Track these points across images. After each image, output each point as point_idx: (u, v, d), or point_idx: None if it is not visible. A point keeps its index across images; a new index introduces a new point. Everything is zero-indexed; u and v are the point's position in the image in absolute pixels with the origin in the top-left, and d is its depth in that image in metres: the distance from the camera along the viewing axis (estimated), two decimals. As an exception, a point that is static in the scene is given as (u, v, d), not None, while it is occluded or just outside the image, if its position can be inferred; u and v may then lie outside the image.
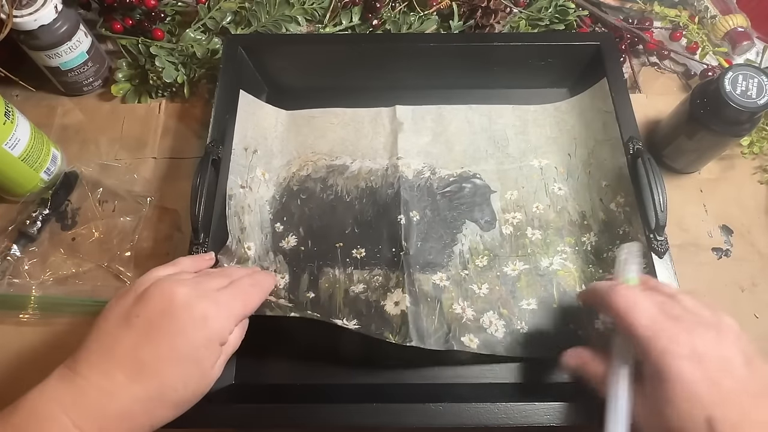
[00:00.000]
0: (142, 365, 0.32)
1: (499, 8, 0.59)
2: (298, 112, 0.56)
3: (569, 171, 0.52)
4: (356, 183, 0.52)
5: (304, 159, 0.53)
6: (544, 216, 0.50)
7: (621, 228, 0.46)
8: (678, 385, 0.30)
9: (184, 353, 0.33)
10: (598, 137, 0.51)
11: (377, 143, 0.54)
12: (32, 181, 0.51)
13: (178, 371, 0.33)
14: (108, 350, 0.32)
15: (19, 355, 0.46)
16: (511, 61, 0.55)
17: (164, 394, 0.32)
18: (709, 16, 0.62)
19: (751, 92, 0.45)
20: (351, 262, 0.48)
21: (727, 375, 0.30)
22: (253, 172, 0.51)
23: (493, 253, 0.48)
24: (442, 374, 0.44)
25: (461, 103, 0.56)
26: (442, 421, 0.37)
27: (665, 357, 0.31)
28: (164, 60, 0.57)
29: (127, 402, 0.31)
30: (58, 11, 0.51)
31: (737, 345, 0.32)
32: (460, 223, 0.50)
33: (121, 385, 0.31)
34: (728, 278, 0.50)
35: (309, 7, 0.60)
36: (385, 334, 0.43)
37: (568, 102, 0.55)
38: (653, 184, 0.44)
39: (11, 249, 0.50)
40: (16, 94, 0.59)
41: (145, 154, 0.56)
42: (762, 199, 0.54)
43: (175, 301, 0.33)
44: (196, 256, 0.42)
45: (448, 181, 0.52)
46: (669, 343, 0.31)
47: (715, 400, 0.30)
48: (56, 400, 0.30)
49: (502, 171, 0.52)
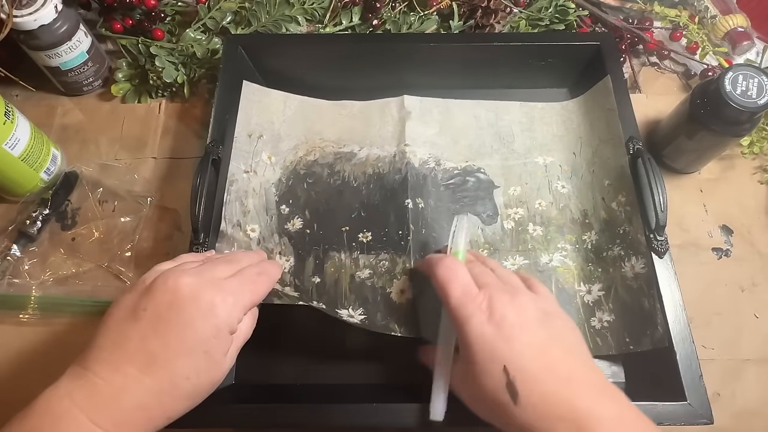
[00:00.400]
0: (152, 358, 0.32)
1: (499, 8, 0.59)
2: (308, 99, 0.56)
3: (573, 170, 0.52)
4: (363, 169, 0.52)
5: (311, 144, 0.53)
6: (546, 213, 0.50)
7: (621, 227, 0.46)
8: (478, 346, 0.34)
9: (193, 344, 0.33)
10: (602, 136, 0.51)
11: (386, 132, 0.54)
12: (32, 181, 0.51)
13: (188, 362, 0.33)
14: (117, 345, 0.32)
15: (19, 355, 0.46)
16: (511, 61, 0.55)
17: (177, 386, 0.32)
18: (709, 16, 0.62)
19: (751, 92, 0.45)
20: (357, 246, 0.48)
21: (522, 332, 0.34)
22: (258, 156, 0.51)
23: (494, 247, 0.48)
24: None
25: None
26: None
27: (470, 322, 0.34)
28: (164, 60, 0.57)
29: (141, 395, 0.31)
30: (58, 11, 0.51)
31: (535, 305, 0.36)
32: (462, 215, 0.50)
33: (133, 378, 0.31)
34: (728, 278, 0.50)
35: (309, 7, 0.60)
36: (390, 325, 0.43)
37: (576, 101, 0.55)
38: (653, 184, 0.44)
39: (11, 249, 0.50)
40: (16, 94, 0.59)
41: (145, 154, 0.56)
42: (762, 199, 0.54)
43: (181, 291, 0.33)
44: (198, 255, 0.42)
45: (452, 173, 0.52)
46: (474, 309, 0.35)
47: (510, 353, 0.33)
48: (70, 399, 0.31)
49: (507, 167, 0.53)
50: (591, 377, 0.33)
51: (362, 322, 0.43)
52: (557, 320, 0.36)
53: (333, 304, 0.44)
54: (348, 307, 0.44)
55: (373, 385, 0.44)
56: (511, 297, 0.35)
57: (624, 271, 0.45)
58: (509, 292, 0.36)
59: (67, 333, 0.47)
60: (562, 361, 0.33)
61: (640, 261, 0.44)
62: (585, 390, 0.32)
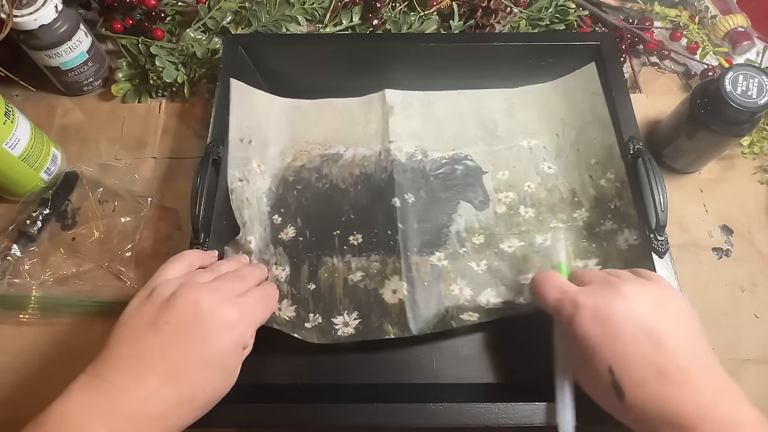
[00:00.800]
0: (173, 369, 0.33)
1: (499, 8, 0.59)
2: (290, 100, 0.56)
3: (558, 150, 0.53)
4: (350, 170, 0.52)
5: (298, 149, 0.54)
6: (536, 194, 0.51)
7: (612, 202, 0.47)
8: (584, 344, 0.34)
9: (213, 357, 0.34)
10: (586, 117, 0.52)
11: (370, 129, 0.54)
12: (32, 181, 0.51)
13: (207, 375, 0.34)
14: (138, 356, 0.33)
15: (19, 356, 0.46)
16: (511, 61, 0.55)
17: (194, 398, 0.33)
18: (709, 16, 0.62)
19: (751, 92, 0.45)
20: (348, 249, 0.48)
21: (627, 328, 0.33)
22: (249, 164, 0.51)
23: (489, 232, 0.49)
24: (442, 374, 0.44)
25: None
26: (442, 421, 0.37)
27: (573, 321, 0.35)
28: (164, 60, 0.57)
29: (160, 405, 0.32)
30: (58, 11, 0.51)
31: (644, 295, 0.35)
32: (455, 203, 0.50)
33: (154, 389, 0.32)
34: (728, 278, 0.50)
35: (309, 7, 0.60)
36: (384, 327, 0.43)
37: (552, 84, 0.56)
38: (653, 184, 0.44)
39: (11, 249, 0.50)
40: (16, 94, 0.59)
41: (145, 154, 0.56)
42: (762, 199, 0.54)
43: (203, 306, 0.34)
44: (201, 252, 0.42)
45: (441, 163, 0.52)
46: (574, 308, 0.35)
47: (614, 353, 0.33)
48: (85, 410, 0.31)
49: (493, 152, 0.53)
50: (704, 376, 0.32)
51: (357, 329, 0.44)
52: (670, 308, 0.34)
53: (329, 312, 0.45)
54: (343, 313, 0.45)
55: (373, 385, 0.44)
56: (615, 291, 0.35)
57: (618, 244, 0.46)
58: (613, 287, 0.35)
59: (67, 333, 0.47)
60: (673, 358, 0.32)
61: (633, 233, 0.45)
62: (696, 393, 0.31)
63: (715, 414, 0.30)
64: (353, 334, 0.44)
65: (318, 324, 0.44)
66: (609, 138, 0.49)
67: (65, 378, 0.31)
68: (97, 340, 0.47)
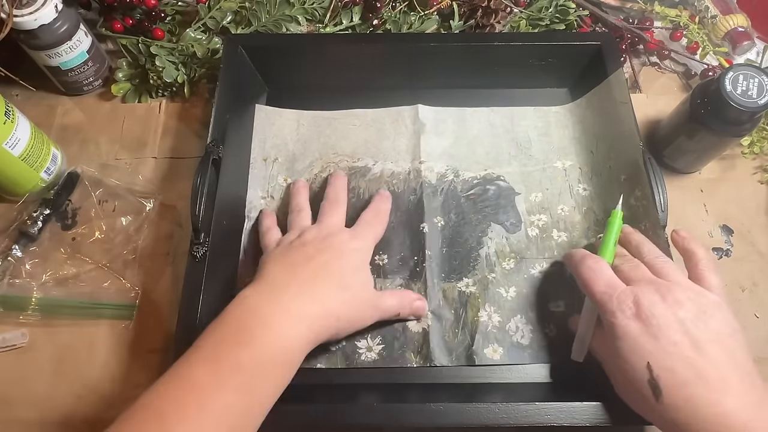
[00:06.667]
0: (342, 280, 0.41)
1: (499, 8, 0.59)
2: (320, 113, 0.56)
3: (593, 169, 0.52)
4: (378, 186, 0.51)
5: (326, 160, 0.53)
6: (570, 218, 0.50)
7: (642, 224, 0.45)
8: (623, 341, 0.35)
9: (345, 282, 0.41)
10: (616, 130, 0.51)
11: (400, 144, 0.54)
12: (32, 181, 0.51)
13: (359, 278, 0.42)
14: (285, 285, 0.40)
15: (19, 355, 0.46)
16: (511, 61, 0.55)
17: (356, 296, 0.41)
18: (709, 16, 0.62)
19: (751, 92, 0.45)
20: (374, 270, 0.47)
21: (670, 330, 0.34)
22: (275, 180, 0.51)
23: (520, 256, 0.48)
24: (442, 374, 0.44)
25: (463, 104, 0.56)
26: (442, 421, 0.37)
27: (615, 317, 0.36)
28: (164, 60, 0.57)
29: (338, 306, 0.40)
30: (58, 11, 0.51)
31: (692, 302, 0.35)
32: (486, 225, 0.49)
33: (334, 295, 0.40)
34: (728, 278, 0.50)
35: (309, 7, 0.60)
36: (407, 355, 0.44)
37: (586, 98, 0.55)
38: (654, 184, 0.44)
39: (12, 249, 0.50)
40: (16, 94, 0.59)
41: (146, 154, 0.56)
42: (762, 199, 0.54)
43: (349, 245, 0.43)
44: (298, 188, 0.49)
45: (472, 183, 0.52)
46: (619, 304, 0.36)
47: (655, 351, 0.34)
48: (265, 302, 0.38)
49: (526, 173, 0.52)
50: (747, 385, 0.32)
51: (380, 355, 0.44)
52: (714, 321, 0.35)
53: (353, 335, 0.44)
54: (366, 337, 0.45)
55: (374, 385, 0.44)
56: (662, 294, 0.35)
57: None
58: (661, 290, 0.36)
59: (68, 334, 0.47)
60: (714, 365, 0.33)
61: None
62: (738, 399, 0.31)
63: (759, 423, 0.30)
64: (376, 360, 0.44)
65: (342, 347, 0.44)
66: (636, 151, 0.47)
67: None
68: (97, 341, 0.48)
